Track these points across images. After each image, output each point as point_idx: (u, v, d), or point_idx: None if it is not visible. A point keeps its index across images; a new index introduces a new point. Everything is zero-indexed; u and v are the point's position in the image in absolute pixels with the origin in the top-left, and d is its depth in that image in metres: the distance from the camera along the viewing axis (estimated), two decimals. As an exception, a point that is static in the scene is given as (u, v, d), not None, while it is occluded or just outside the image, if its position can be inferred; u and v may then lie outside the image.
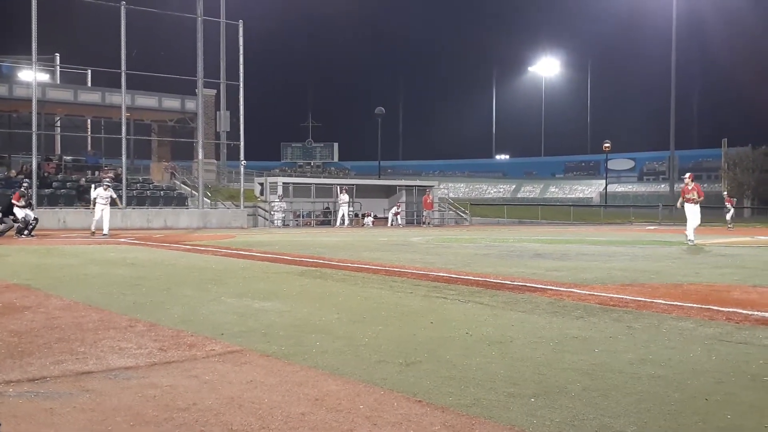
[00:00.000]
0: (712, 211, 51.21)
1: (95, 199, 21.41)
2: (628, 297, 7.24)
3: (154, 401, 3.55)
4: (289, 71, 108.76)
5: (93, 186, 23.62)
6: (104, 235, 20.64)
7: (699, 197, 18.34)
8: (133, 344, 4.94)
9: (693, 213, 18.17)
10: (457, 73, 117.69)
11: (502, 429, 3.14)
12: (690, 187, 18.36)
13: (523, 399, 3.59)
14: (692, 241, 17.62)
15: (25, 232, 19.84)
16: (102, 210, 21.13)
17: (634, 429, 3.13)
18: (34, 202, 23.01)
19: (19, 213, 20.09)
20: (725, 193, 38.75)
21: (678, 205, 18.98)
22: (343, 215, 34.55)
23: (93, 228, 21.39)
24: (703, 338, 5.15)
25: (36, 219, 20.55)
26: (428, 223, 38.26)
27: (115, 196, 21.76)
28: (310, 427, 3.15)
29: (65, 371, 4.16)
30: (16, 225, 20.02)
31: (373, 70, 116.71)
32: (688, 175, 18.91)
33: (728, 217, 34.18)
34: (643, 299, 7.07)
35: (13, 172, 32.07)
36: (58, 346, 4.87)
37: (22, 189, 20.88)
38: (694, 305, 6.67)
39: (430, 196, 39.67)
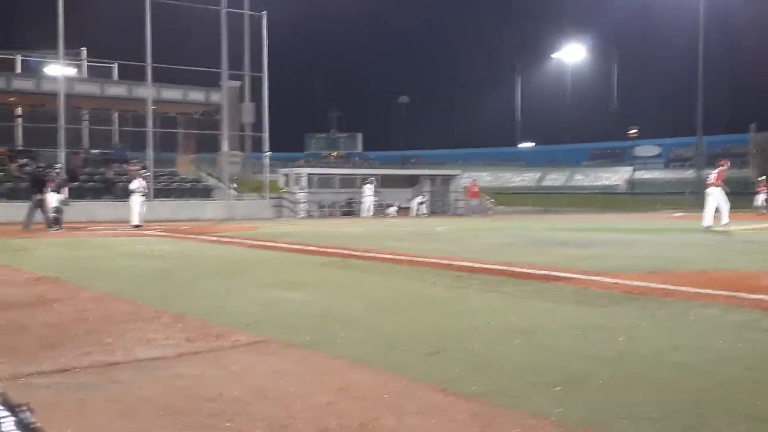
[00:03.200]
0: (741, 197, 50.53)
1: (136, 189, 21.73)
2: (653, 285, 7.17)
3: (182, 392, 3.60)
4: (312, 62, 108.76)
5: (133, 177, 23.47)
6: (137, 226, 20.95)
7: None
8: (160, 335, 5.00)
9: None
10: (480, 60, 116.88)
11: (526, 418, 3.14)
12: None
13: (547, 388, 3.59)
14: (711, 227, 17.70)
15: (55, 227, 20.12)
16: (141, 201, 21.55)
17: (658, 417, 3.12)
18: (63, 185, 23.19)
19: (51, 200, 20.32)
20: (763, 178, 37.86)
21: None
22: (368, 205, 34.56)
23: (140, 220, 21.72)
24: (730, 325, 5.11)
25: (58, 208, 20.70)
26: (490, 211, 37.56)
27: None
28: (335, 416, 3.18)
29: (94, 362, 4.23)
30: (47, 216, 20.29)
31: (396, 60, 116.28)
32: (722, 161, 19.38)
33: (759, 202, 33.70)
34: (668, 287, 7.01)
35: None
36: (87, 337, 4.94)
37: (53, 173, 21.27)
38: (721, 292, 6.60)
39: (477, 185, 39.09)
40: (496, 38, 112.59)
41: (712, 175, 18.56)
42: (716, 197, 18.10)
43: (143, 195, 21.78)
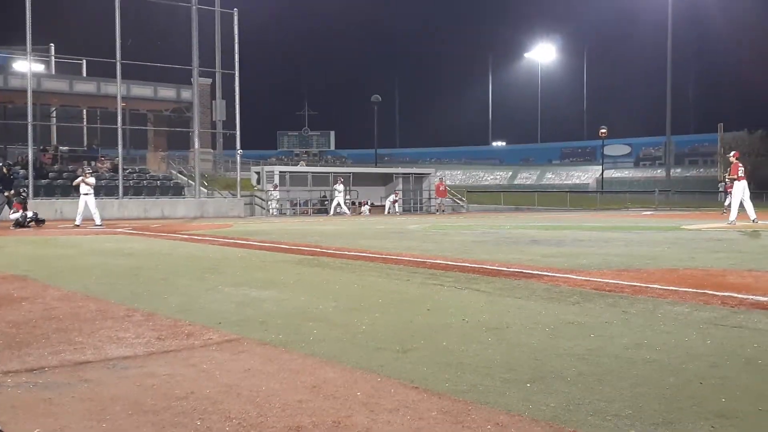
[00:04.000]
0: (709, 195, 51.27)
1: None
2: (623, 282, 7.26)
3: (153, 390, 3.57)
4: (284, 59, 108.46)
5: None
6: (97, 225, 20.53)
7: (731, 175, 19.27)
8: (131, 334, 4.95)
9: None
10: (453, 59, 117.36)
11: (498, 414, 3.16)
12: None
13: (519, 384, 3.61)
14: (734, 221, 18.36)
15: (30, 223, 19.94)
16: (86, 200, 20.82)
17: (629, 413, 3.15)
18: (29, 196, 23.10)
19: (16, 215, 20.15)
20: (727, 180, 38.79)
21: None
22: (338, 204, 34.54)
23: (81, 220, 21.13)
24: (699, 322, 5.17)
25: (36, 213, 20.64)
26: (442, 211, 38.07)
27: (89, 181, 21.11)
28: (307, 414, 3.17)
29: (63, 361, 4.18)
30: (12, 216, 20.12)
31: (369, 58, 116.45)
32: (733, 153, 19.89)
33: (727, 203, 34.39)
34: (638, 284, 7.09)
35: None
36: (56, 336, 4.88)
37: (21, 197, 20.93)
38: (690, 290, 6.69)
39: (443, 183, 39.52)
40: (469, 38, 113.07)
41: (740, 169, 19.07)
42: (739, 192, 18.68)
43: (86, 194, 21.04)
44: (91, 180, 21.15)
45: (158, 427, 3.02)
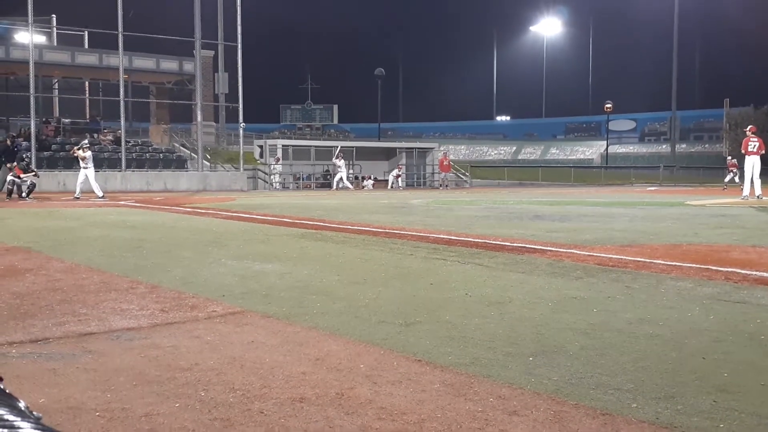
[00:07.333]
0: (714, 171, 51.10)
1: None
2: (627, 258, 7.26)
3: (156, 361, 3.58)
4: (288, 32, 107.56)
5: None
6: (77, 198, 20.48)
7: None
8: (134, 306, 4.97)
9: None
10: (457, 33, 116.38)
11: (500, 387, 3.17)
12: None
13: (522, 358, 3.62)
14: (746, 196, 18.35)
15: (24, 195, 19.92)
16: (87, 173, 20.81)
17: (631, 387, 3.16)
18: (33, 166, 23.07)
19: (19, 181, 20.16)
20: (729, 157, 38.75)
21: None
22: (341, 178, 34.46)
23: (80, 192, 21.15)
24: (702, 298, 5.18)
25: (33, 184, 20.60)
26: (445, 186, 37.89)
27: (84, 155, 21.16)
28: (310, 386, 3.18)
29: (68, 332, 4.20)
30: (14, 186, 20.13)
31: (373, 32, 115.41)
32: (749, 127, 19.82)
33: (727, 179, 34.44)
34: (642, 260, 7.09)
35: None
36: (60, 307, 4.90)
37: (23, 164, 20.89)
38: (693, 265, 6.69)
39: (447, 158, 39.29)
40: (475, 11, 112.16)
41: (750, 144, 18.99)
42: (750, 167, 18.67)
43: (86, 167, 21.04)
44: (85, 154, 21.01)
45: (162, 398, 3.03)
